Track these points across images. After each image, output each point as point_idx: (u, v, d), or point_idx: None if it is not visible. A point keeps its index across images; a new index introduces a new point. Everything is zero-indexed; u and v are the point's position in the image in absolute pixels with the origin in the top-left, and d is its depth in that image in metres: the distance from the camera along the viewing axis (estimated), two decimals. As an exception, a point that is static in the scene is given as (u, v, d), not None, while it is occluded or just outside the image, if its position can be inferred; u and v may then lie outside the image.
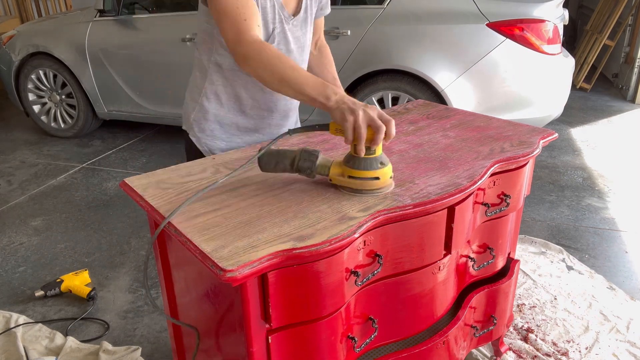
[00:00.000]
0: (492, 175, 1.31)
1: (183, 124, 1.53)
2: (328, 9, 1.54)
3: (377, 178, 1.11)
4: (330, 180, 1.14)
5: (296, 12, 1.40)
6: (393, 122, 1.07)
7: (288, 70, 1.15)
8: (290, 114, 1.54)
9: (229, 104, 1.44)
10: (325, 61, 1.59)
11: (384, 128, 1.05)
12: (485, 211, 1.34)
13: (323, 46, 1.62)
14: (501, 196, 1.37)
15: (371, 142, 1.08)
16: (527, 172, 1.45)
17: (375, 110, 1.07)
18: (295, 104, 1.54)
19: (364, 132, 1.06)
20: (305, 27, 1.44)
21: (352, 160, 1.11)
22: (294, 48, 1.42)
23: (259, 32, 1.22)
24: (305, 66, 1.50)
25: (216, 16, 1.21)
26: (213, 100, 1.43)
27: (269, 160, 1.13)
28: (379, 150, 1.11)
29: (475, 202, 1.28)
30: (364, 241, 1.05)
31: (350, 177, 1.11)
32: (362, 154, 1.09)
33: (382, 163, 1.12)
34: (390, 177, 1.15)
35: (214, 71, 1.40)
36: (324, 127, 1.15)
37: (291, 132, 1.17)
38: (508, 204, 1.37)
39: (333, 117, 1.12)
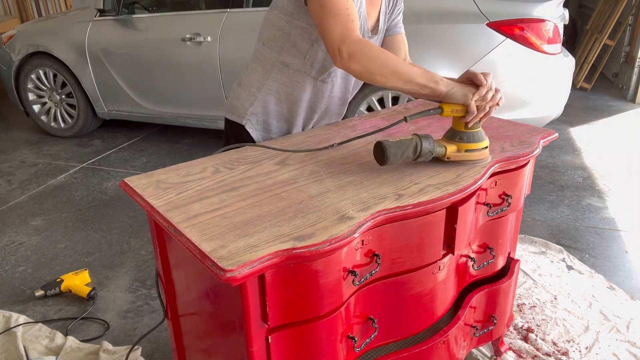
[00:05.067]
0: (492, 175, 1.31)
1: (229, 113, 1.55)
2: (398, 28, 1.55)
3: (487, 147, 1.24)
4: (448, 159, 1.23)
5: (374, 31, 1.46)
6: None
7: (397, 63, 1.21)
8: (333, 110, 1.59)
9: (286, 102, 1.48)
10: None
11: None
12: (488, 211, 1.34)
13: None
14: (502, 196, 1.37)
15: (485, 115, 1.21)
16: (528, 172, 1.45)
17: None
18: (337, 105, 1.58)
19: (488, 106, 1.20)
20: (377, 44, 1.47)
21: (465, 136, 1.22)
22: None
23: (359, 34, 1.26)
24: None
25: (321, 14, 1.23)
26: (272, 96, 1.47)
27: (396, 152, 1.16)
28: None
29: (478, 203, 1.28)
30: (362, 240, 1.05)
31: (467, 150, 1.22)
32: (473, 126, 1.21)
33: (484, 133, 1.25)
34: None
35: (279, 70, 1.44)
36: (438, 110, 1.21)
37: (407, 118, 1.22)
38: (509, 204, 1.37)
39: (453, 98, 1.20)
